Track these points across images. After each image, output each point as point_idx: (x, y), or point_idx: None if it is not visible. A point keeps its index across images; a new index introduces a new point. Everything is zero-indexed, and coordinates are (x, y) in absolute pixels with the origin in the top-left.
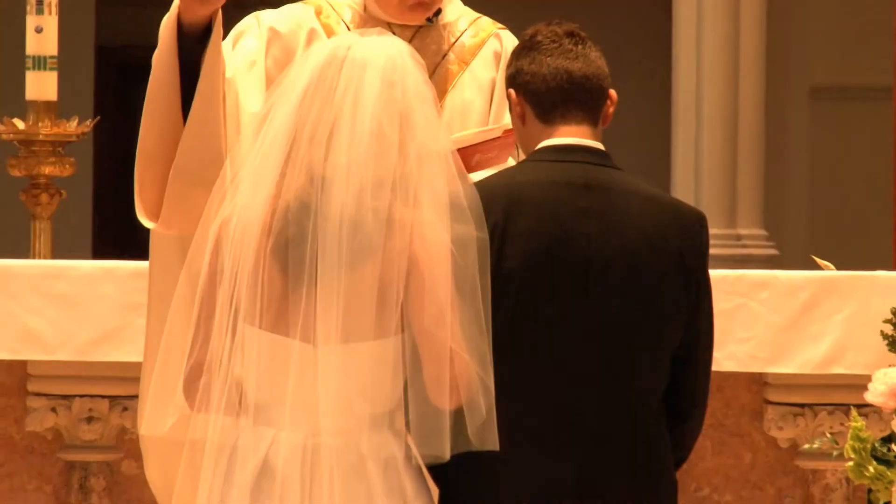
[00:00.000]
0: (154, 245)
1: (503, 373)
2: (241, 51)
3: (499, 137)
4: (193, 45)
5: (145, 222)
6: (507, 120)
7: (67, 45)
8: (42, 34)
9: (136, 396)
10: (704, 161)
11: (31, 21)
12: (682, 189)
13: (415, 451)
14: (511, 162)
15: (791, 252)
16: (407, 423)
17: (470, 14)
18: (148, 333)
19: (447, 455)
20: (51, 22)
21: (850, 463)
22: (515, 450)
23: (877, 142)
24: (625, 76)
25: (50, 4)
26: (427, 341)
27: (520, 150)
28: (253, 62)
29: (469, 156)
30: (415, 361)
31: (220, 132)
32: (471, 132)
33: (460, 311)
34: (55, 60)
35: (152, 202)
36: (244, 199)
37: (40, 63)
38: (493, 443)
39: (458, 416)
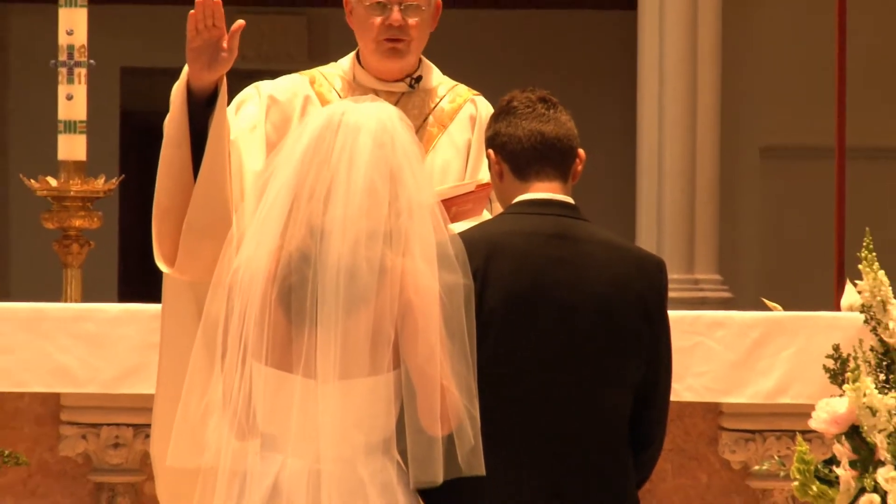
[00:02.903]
0: (166, 289)
1: (486, 403)
2: (243, 116)
3: (472, 191)
4: (201, 109)
5: (163, 268)
6: (481, 176)
7: (95, 110)
8: (72, 101)
9: None
10: (666, 213)
11: (63, 90)
12: (646, 238)
13: (407, 473)
14: (486, 214)
15: (743, 295)
16: (403, 451)
17: (448, 82)
18: (160, 367)
19: (440, 479)
20: (80, 90)
21: (796, 483)
22: (497, 471)
23: (820, 197)
24: (594, 137)
25: (79, 74)
26: (420, 377)
27: (493, 204)
28: (254, 126)
29: (447, 208)
30: (410, 395)
31: (226, 189)
32: (447, 186)
33: (449, 350)
34: (84, 125)
35: (169, 251)
36: (250, 251)
37: (71, 127)
38: (479, 468)
39: (448, 445)
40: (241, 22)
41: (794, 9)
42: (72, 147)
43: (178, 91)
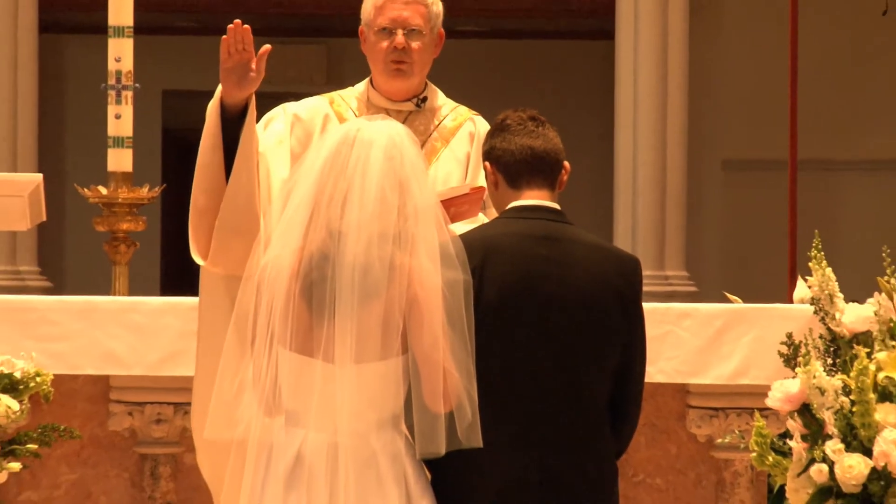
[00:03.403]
0: (203, 282)
1: (483, 385)
2: (270, 132)
3: (467, 194)
4: (233, 123)
5: (198, 260)
6: (478, 181)
7: (140, 128)
8: (120, 120)
9: None
10: (640, 218)
11: (112, 109)
12: (622, 239)
13: (414, 445)
14: (482, 217)
15: (707, 289)
16: (410, 426)
17: (451, 103)
18: (198, 351)
19: (443, 451)
20: (127, 110)
21: (754, 454)
22: (492, 445)
23: (775, 204)
24: (577, 151)
25: (126, 96)
26: (425, 362)
27: (488, 210)
28: (280, 141)
29: (446, 208)
30: (416, 377)
31: (254, 192)
32: (445, 189)
33: (451, 338)
34: (130, 140)
35: (203, 245)
36: (276, 250)
37: (119, 142)
38: (477, 441)
39: (449, 421)
40: (267, 46)
41: (753, 38)
42: (120, 160)
43: (213, 107)
